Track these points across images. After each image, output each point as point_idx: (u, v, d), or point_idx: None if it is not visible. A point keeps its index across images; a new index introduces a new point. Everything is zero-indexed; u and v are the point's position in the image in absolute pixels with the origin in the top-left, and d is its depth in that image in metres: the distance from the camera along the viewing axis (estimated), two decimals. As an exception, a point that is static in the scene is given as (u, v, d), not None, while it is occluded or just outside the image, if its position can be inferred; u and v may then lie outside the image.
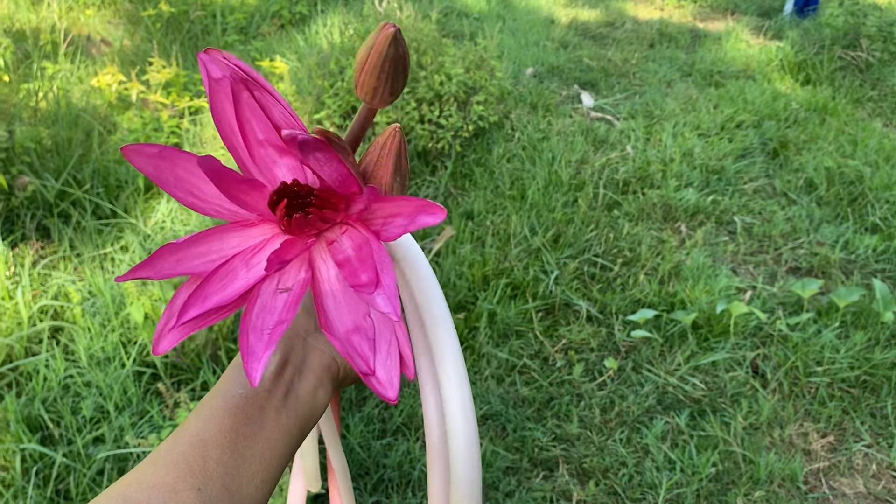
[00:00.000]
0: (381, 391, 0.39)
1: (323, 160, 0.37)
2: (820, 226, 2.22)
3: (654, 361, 1.73)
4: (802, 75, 3.20)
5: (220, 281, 0.39)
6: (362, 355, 0.39)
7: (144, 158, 0.38)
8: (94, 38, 3.09)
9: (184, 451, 0.39)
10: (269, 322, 0.39)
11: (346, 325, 0.40)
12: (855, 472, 1.52)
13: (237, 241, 0.41)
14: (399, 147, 0.41)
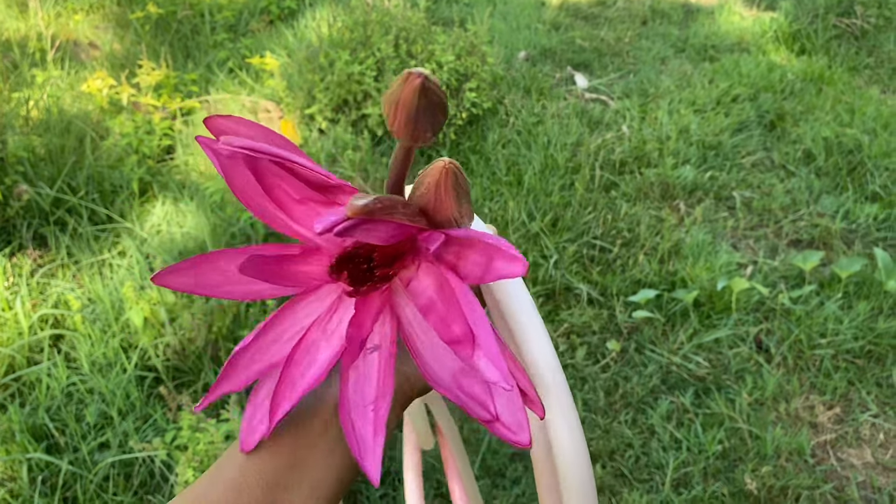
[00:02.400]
0: (510, 437, 0.34)
1: (371, 230, 0.32)
2: (820, 197, 2.20)
3: (656, 341, 1.72)
4: (797, 45, 3.18)
5: (303, 360, 0.35)
6: (479, 401, 0.34)
7: (179, 276, 0.34)
8: (83, 43, 3.08)
9: (212, 501, 0.34)
10: (368, 394, 0.35)
11: (451, 369, 0.35)
12: (863, 442, 1.52)
13: (305, 311, 0.36)
14: (455, 181, 0.36)
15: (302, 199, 0.35)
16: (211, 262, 0.35)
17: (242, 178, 0.34)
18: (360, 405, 0.34)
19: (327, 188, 0.34)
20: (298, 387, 0.35)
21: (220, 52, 2.90)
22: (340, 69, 2.34)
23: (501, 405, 0.34)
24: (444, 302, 0.34)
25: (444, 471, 0.71)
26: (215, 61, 2.86)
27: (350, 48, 2.45)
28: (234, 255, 0.35)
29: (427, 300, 0.35)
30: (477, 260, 0.34)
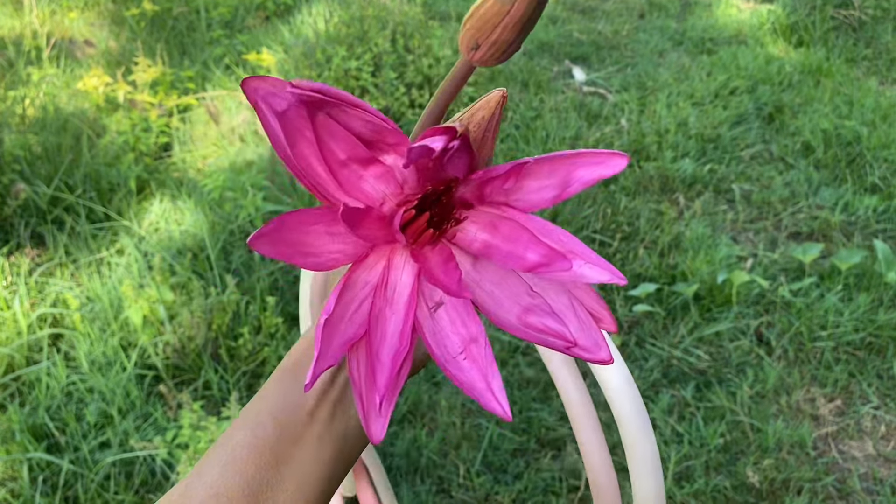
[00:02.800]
0: (591, 357, 0.34)
1: (457, 159, 0.32)
2: (819, 189, 2.20)
3: (657, 335, 1.72)
4: (795, 37, 3.17)
5: (376, 332, 0.34)
6: (553, 333, 0.34)
7: (271, 244, 0.32)
8: (78, 41, 3.07)
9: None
10: (454, 347, 0.34)
11: (515, 311, 0.34)
12: (864, 434, 1.52)
13: (362, 279, 0.35)
14: (501, 114, 0.35)
15: (347, 159, 0.34)
16: (302, 225, 0.33)
17: (296, 134, 0.33)
18: (450, 359, 0.34)
19: (378, 138, 0.33)
20: (385, 361, 0.33)
21: (217, 49, 2.89)
22: (337, 65, 2.34)
23: (576, 329, 0.34)
24: (505, 237, 0.34)
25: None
26: (211, 58, 2.85)
27: (347, 44, 2.44)
28: (317, 214, 0.33)
29: (482, 244, 0.34)
30: (541, 183, 0.33)
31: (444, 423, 1.52)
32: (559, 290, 0.35)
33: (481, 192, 0.35)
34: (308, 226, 0.33)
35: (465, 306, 0.35)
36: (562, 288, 0.35)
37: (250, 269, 1.84)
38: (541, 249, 0.33)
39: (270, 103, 0.32)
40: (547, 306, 0.34)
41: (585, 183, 0.33)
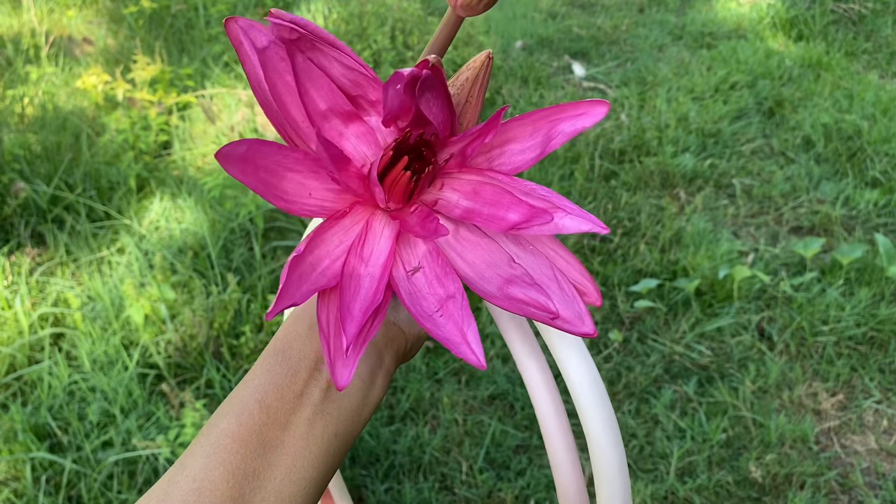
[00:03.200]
0: (574, 329, 0.34)
1: (433, 100, 0.31)
2: (820, 183, 2.20)
3: (658, 331, 1.72)
4: (795, 31, 3.17)
5: (349, 287, 0.34)
6: (534, 304, 0.33)
7: (234, 163, 0.31)
8: (77, 39, 3.06)
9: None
10: (429, 307, 0.33)
11: (496, 281, 0.34)
12: (866, 428, 1.52)
13: (337, 238, 0.35)
14: (488, 77, 0.35)
15: (327, 110, 0.33)
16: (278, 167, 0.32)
17: (274, 75, 0.32)
18: (426, 316, 0.33)
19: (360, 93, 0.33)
20: (355, 312, 0.33)
21: (215, 46, 2.88)
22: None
23: (559, 301, 0.34)
24: (487, 202, 0.33)
25: None
26: (210, 55, 2.84)
27: (346, 40, 2.43)
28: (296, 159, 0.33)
29: (463, 210, 0.34)
30: (524, 144, 0.33)
31: (446, 421, 1.52)
32: (542, 260, 0.35)
33: (464, 155, 0.34)
34: (284, 169, 0.33)
35: (443, 267, 0.34)
36: (545, 259, 0.35)
37: (251, 267, 1.84)
38: (521, 208, 0.32)
39: (252, 38, 0.31)
40: (529, 277, 0.34)
41: (568, 135, 0.33)
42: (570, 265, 0.36)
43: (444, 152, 0.35)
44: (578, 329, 0.34)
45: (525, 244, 0.35)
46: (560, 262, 0.36)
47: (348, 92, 0.33)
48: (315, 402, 0.33)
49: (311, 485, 0.33)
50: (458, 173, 0.35)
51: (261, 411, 0.33)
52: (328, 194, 0.34)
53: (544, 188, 0.33)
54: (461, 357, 0.32)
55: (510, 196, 0.33)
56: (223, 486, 0.31)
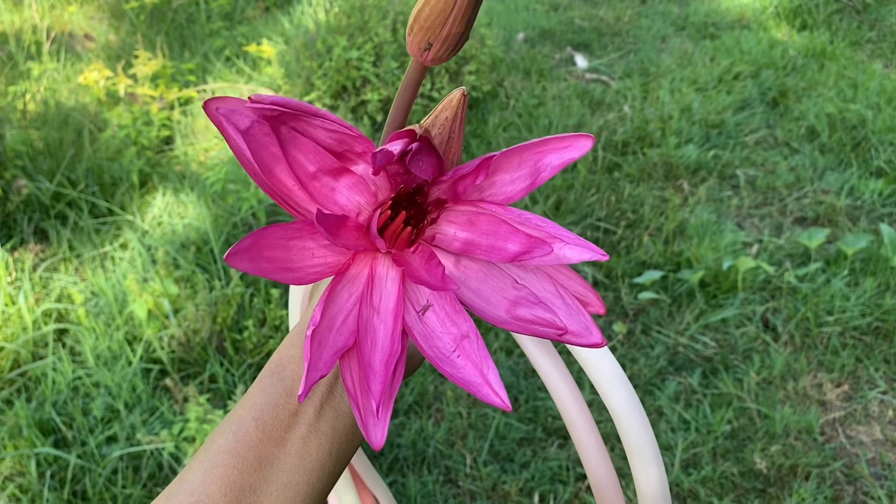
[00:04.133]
0: (583, 341, 0.34)
1: (422, 160, 0.32)
2: (824, 173, 2.19)
3: (662, 322, 1.72)
4: (798, 21, 3.15)
5: (366, 341, 0.34)
6: (543, 322, 0.34)
7: (241, 258, 0.32)
8: (78, 35, 3.06)
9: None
10: (445, 347, 0.34)
11: (503, 305, 0.35)
12: (871, 419, 1.51)
13: (346, 291, 0.35)
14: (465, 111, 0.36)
15: (317, 171, 0.34)
16: (281, 240, 0.33)
17: (261, 151, 0.33)
18: (443, 358, 0.34)
19: (346, 149, 0.33)
20: (377, 367, 0.33)
21: (217, 41, 2.88)
22: (338, 55, 2.33)
23: (565, 316, 0.34)
24: (484, 232, 0.34)
25: None
26: (212, 50, 2.84)
27: (347, 34, 2.42)
28: (287, 226, 0.34)
29: (462, 243, 0.35)
30: (513, 175, 0.34)
31: (450, 414, 1.52)
32: (544, 279, 0.35)
33: (455, 191, 0.35)
34: (286, 241, 0.33)
35: (452, 305, 0.35)
36: (546, 277, 0.36)
37: (254, 261, 1.84)
38: (520, 238, 0.33)
39: (234, 122, 0.32)
40: (534, 296, 0.35)
41: (556, 168, 0.33)
42: (570, 279, 0.36)
43: (436, 189, 0.35)
44: (587, 341, 0.34)
45: (527, 266, 0.36)
46: (561, 277, 0.36)
47: (334, 150, 0.34)
48: (309, 420, 0.34)
49: (306, 501, 0.34)
50: (453, 206, 0.36)
51: (256, 428, 0.34)
52: (329, 250, 0.35)
53: (539, 217, 0.34)
54: (484, 400, 0.33)
55: (507, 226, 0.34)
56: (221, 500, 0.32)
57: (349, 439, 0.35)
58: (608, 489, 0.44)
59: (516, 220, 0.34)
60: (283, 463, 0.33)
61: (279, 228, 0.33)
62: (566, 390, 0.45)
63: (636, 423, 0.42)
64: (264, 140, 0.33)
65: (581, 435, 0.44)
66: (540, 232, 0.33)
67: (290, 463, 0.33)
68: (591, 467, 0.44)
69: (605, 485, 0.44)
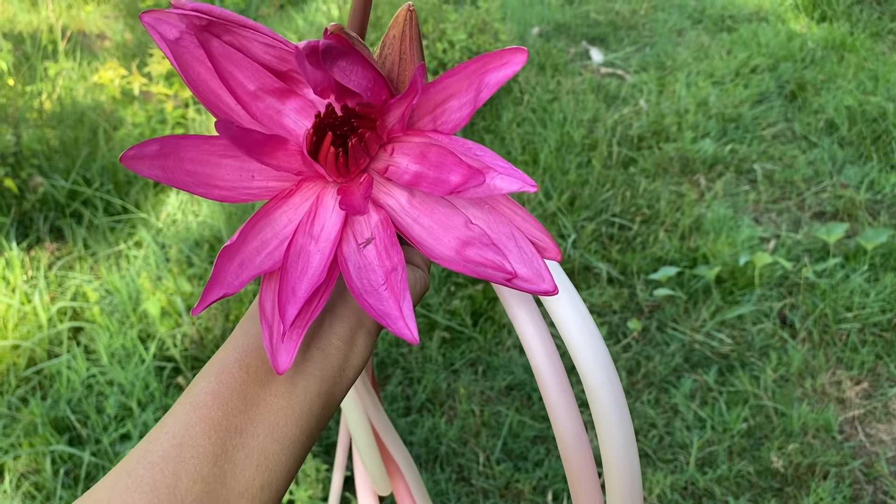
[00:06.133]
0: (534, 288, 0.33)
1: (348, 67, 0.30)
2: (843, 167, 2.15)
3: (678, 319, 1.70)
4: (818, 13, 3.10)
5: (296, 267, 0.33)
6: (491, 264, 0.33)
7: (148, 163, 0.31)
8: (94, 34, 3.08)
9: (153, 463, 0.30)
10: (376, 280, 0.33)
11: (452, 244, 0.34)
12: (892, 417, 1.48)
13: (286, 217, 0.34)
14: (417, 30, 0.34)
15: (257, 89, 0.33)
16: (177, 153, 0.32)
17: (195, 64, 0.32)
18: (371, 290, 0.33)
19: (289, 68, 0.32)
20: (299, 293, 0.32)
21: (231, 39, 2.88)
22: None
23: (516, 260, 0.33)
24: (433, 164, 0.33)
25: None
26: (226, 48, 2.85)
27: (360, 30, 2.42)
28: (201, 136, 0.33)
29: (412, 175, 0.34)
30: (461, 100, 0.33)
31: (463, 412, 1.51)
32: (499, 220, 0.34)
33: (404, 119, 0.33)
34: (218, 157, 0.32)
35: (391, 238, 0.34)
36: (502, 218, 0.34)
37: (267, 259, 1.84)
38: (462, 170, 0.32)
39: (161, 31, 0.31)
40: (486, 237, 0.33)
41: (494, 87, 0.32)
42: (527, 222, 0.35)
43: (390, 116, 0.34)
44: (538, 287, 0.33)
45: (481, 204, 0.34)
46: (517, 220, 0.35)
47: (276, 69, 0.32)
48: (295, 361, 0.33)
49: (295, 444, 0.33)
50: (406, 137, 0.34)
51: (240, 370, 0.33)
52: (272, 176, 0.34)
53: (479, 146, 0.32)
54: (396, 333, 0.32)
55: (453, 157, 0.32)
56: (205, 442, 0.31)
57: (336, 381, 0.34)
58: (575, 453, 0.42)
59: (461, 151, 0.32)
60: (269, 404, 0.32)
61: (206, 140, 0.32)
62: (537, 341, 0.42)
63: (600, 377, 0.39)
64: (196, 53, 0.31)
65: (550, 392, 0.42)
66: (477, 162, 0.32)
67: (277, 404, 0.32)
68: (559, 428, 0.41)
69: (572, 447, 0.41)
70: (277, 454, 0.32)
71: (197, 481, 0.30)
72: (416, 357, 1.62)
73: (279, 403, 0.32)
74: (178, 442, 0.31)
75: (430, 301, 1.72)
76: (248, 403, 0.32)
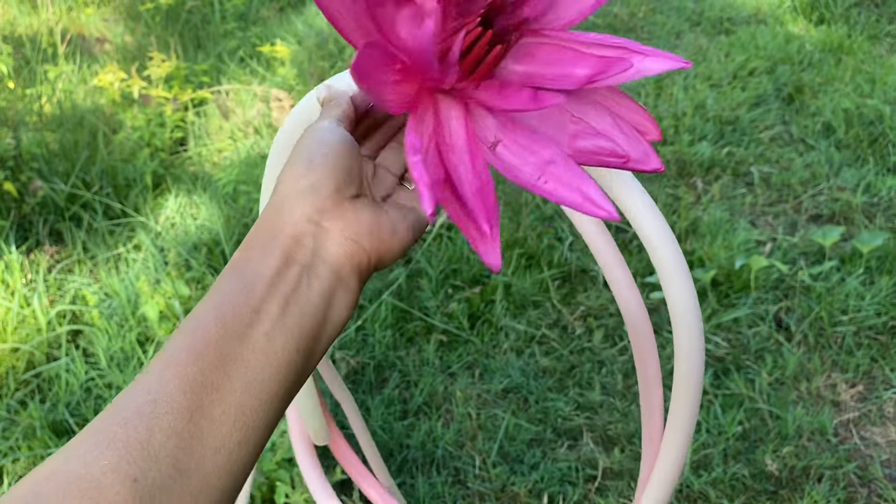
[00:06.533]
0: (645, 167, 0.36)
1: None
2: (840, 170, 2.16)
3: (674, 322, 1.70)
4: (816, 15, 3.11)
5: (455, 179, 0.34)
6: (604, 151, 0.35)
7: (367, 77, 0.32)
8: (93, 37, 3.09)
9: (126, 419, 0.29)
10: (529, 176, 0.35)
11: (564, 140, 0.36)
12: (886, 420, 1.49)
13: (420, 131, 0.35)
14: None
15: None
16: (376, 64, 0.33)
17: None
18: (532, 185, 0.35)
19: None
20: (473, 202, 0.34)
21: (231, 42, 2.89)
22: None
23: (625, 145, 0.36)
24: (545, 62, 0.35)
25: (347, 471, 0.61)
26: (226, 51, 2.85)
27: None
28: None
29: (520, 76, 0.35)
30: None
31: (459, 415, 1.52)
32: (601, 111, 0.36)
33: (519, 18, 0.35)
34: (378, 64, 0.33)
35: (525, 136, 0.35)
36: (604, 109, 0.36)
37: (265, 262, 1.84)
38: (589, 61, 0.34)
39: None
40: (591, 129, 0.36)
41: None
42: (627, 108, 0.37)
43: (502, 18, 0.35)
44: (649, 166, 0.36)
45: (582, 99, 0.36)
46: (618, 108, 0.37)
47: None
48: (273, 317, 0.33)
49: (274, 398, 0.32)
50: (517, 37, 0.36)
51: (217, 325, 0.32)
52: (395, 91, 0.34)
53: (614, 37, 0.34)
54: (589, 214, 0.34)
55: (572, 52, 0.34)
56: (180, 398, 0.30)
57: (316, 337, 0.34)
58: (641, 326, 0.49)
59: (583, 44, 0.34)
60: (246, 360, 0.32)
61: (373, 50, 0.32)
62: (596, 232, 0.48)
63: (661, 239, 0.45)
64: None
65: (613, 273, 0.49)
66: (615, 51, 0.33)
67: (255, 360, 0.32)
68: (623, 303, 0.48)
69: (637, 321, 0.49)
70: (255, 410, 0.31)
71: (171, 437, 0.29)
72: (413, 360, 1.63)
73: (257, 358, 0.32)
74: (153, 398, 0.30)
75: (427, 304, 1.73)
76: (225, 360, 0.31)
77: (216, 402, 0.31)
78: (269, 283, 0.33)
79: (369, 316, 1.69)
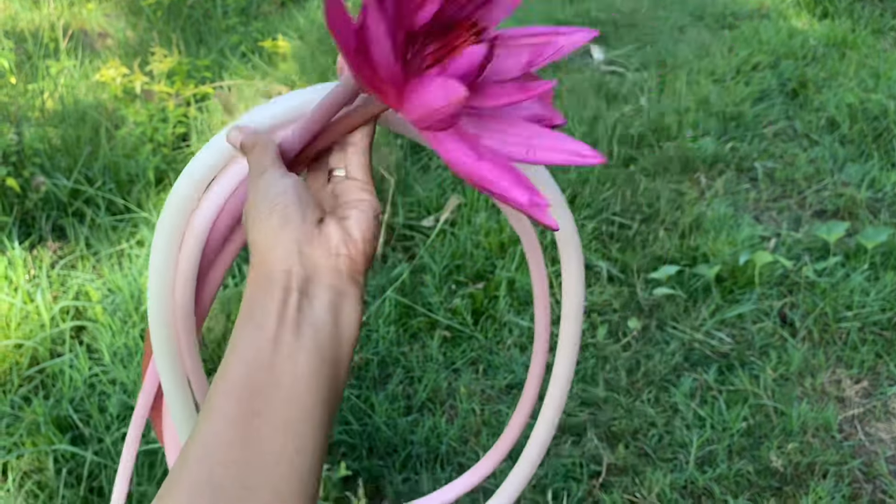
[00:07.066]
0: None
1: None
2: (844, 165, 2.16)
3: (678, 318, 1.70)
4: (819, 9, 3.10)
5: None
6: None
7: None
8: (95, 32, 3.08)
9: (187, 467, 0.34)
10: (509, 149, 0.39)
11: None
12: (891, 416, 1.49)
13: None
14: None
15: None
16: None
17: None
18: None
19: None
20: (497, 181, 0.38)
21: (233, 37, 2.89)
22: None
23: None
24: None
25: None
26: (228, 46, 2.85)
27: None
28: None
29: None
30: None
31: (463, 411, 1.52)
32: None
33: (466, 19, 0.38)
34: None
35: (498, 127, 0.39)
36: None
37: (268, 258, 1.84)
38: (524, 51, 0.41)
39: None
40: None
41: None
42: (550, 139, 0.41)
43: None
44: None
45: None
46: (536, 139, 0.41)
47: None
48: (290, 342, 0.36)
49: (316, 406, 0.35)
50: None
51: (243, 367, 0.36)
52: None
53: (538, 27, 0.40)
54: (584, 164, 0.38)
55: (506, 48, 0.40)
56: (230, 433, 0.34)
57: (336, 344, 0.37)
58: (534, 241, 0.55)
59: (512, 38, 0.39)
60: (278, 382, 0.35)
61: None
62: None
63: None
64: None
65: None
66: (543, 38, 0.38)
67: (286, 380, 0.35)
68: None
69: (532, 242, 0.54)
70: (302, 421, 0.35)
71: (229, 466, 0.33)
72: (417, 356, 1.63)
73: (287, 379, 0.35)
74: (204, 441, 0.34)
75: (430, 300, 1.73)
76: (259, 389, 0.35)
77: (263, 424, 0.34)
78: (278, 315, 0.36)
79: (373, 312, 1.69)
